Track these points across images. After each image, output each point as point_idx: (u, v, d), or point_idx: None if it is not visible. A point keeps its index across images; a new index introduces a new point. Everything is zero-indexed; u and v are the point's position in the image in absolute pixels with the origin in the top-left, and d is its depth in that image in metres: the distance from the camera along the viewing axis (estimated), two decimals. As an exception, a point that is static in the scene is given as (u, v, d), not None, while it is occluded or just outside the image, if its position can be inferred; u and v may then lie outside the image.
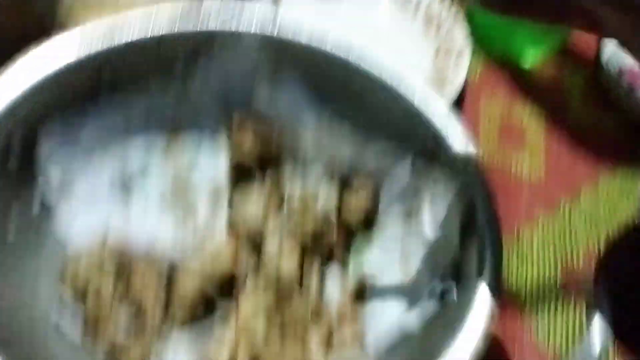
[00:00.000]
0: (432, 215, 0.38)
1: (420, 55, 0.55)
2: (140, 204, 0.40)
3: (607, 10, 0.20)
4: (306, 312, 0.37)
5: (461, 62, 0.53)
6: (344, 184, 0.41)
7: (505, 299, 0.45)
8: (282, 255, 0.38)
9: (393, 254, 0.40)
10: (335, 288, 0.39)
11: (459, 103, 0.53)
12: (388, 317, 0.36)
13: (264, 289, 0.37)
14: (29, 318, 0.33)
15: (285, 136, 0.42)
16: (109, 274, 0.34)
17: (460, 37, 0.54)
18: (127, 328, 0.34)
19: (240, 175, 0.42)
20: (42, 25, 0.42)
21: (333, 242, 0.40)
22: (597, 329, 0.30)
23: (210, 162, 0.42)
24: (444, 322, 0.33)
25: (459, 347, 0.29)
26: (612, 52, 0.54)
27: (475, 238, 0.33)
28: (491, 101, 0.56)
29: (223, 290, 0.35)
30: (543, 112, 0.57)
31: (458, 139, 0.36)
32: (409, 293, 0.37)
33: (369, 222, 0.41)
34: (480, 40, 0.57)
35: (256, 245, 0.38)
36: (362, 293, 0.39)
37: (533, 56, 0.58)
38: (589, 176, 0.52)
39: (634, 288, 0.38)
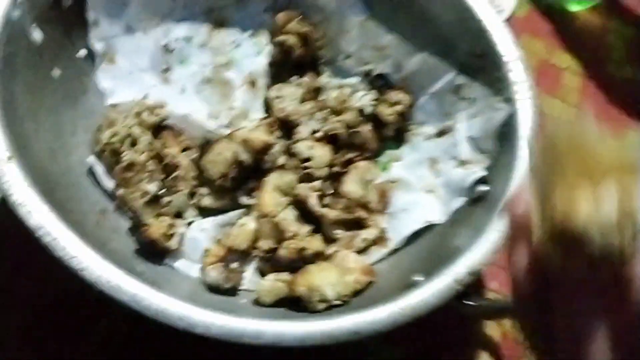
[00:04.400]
0: (466, 134, 0.39)
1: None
2: (178, 84, 0.41)
3: None
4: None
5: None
6: (383, 88, 0.42)
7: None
8: (312, 142, 0.39)
9: (422, 165, 0.40)
10: (364, 182, 0.40)
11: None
12: (415, 211, 0.37)
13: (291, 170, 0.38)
14: (65, 163, 0.35)
15: (327, 36, 0.43)
16: (147, 125, 0.35)
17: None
18: (157, 185, 0.35)
19: (279, 73, 0.43)
20: None
21: (366, 138, 0.40)
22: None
23: (249, 60, 0.43)
24: (470, 222, 0.34)
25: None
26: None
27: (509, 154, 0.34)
28: (534, 39, 0.57)
29: (256, 160, 0.36)
30: (583, 59, 0.57)
31: (509, 50, 0.36)
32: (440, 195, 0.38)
33: (401, 130, 0.42)
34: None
35: (290, 128, 0.39)
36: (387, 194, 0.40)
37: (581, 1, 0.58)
38: (617, 128, 0.52)
39: None
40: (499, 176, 0.35)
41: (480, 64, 0.39)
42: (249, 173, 0.38)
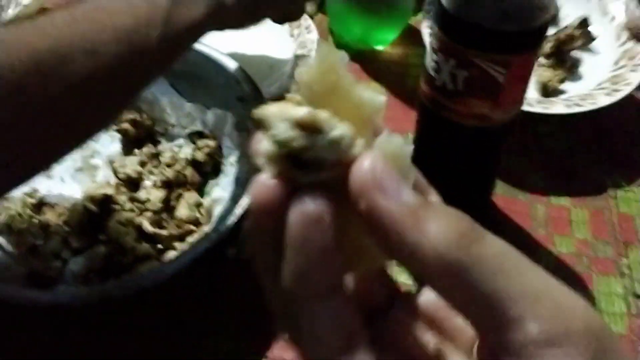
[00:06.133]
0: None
1: (287, 48, 0.75)
2: (58, 177, 0.60)
3: None
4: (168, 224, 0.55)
5: (312, 53, 0.72)
6: (198, 140, 0.60)
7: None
8: (153, 189, 0.56)
9: (231, 185, 0.57)
10: (191, 207, 0.56)
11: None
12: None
13: (135, 211, 0.55)
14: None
15: (154, 116, 0.61)
16: (29, 204, 0.53)
17: (312, 37, 0.73)
18: (40, 237, 0.53)
19: (129, 150, 0.62)
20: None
21: (190, 177, 0.58)
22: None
23: (106, 147, 0.62)
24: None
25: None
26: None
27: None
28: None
29: (103, 208, 0.54)
30: (386, 82, 0.73)
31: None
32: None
33: (216, 168, 0.59)
34: (340, 36, 0.76)
35: (132, 183, 0.57)
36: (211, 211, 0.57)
37: (384, 39, 0.76)
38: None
39: None
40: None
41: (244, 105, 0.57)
42: (102, 217, 0.55)
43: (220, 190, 0.59)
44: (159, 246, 0.55)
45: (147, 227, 0.54)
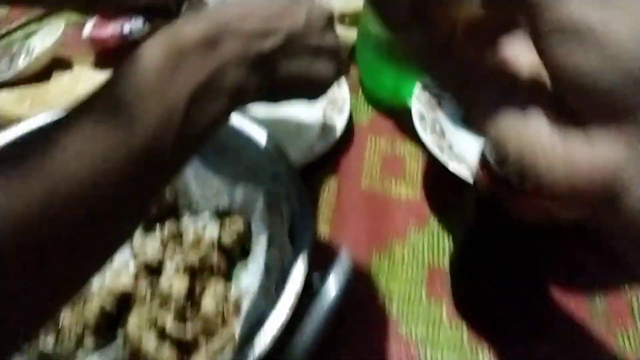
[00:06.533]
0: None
1: (316, 107, 0.70)
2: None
3: None
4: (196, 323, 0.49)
5: (343, 111, 0.67)
6: (223, 221, 0.55)
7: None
8: (172, 275, 0.51)
9: (260, 272, 0.51)
10: (218, 298, 0.51)
11: (347, 141, 0.66)
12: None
13: (156, 303, 0.49)
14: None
15: (178, 189, 0.56)
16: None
17: (342, 93, 0.68)
18: (51, 341, 0.47)
19: (150, 226, 0.56)
20: None
21: (217, 261, 0.52)
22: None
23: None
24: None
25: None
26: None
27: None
28: (377, 139, 0.69)
29: (121, 305, 0.48)
30: (421, 144, 0.68)
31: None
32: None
33: (244, 250, 0.54)
34: (371, 90, 0.71)
35: (153, 270, 0.52)
36: (239, 304, 0.51)
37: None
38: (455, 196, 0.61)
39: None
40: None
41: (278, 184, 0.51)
42: (120, 311, 0.50)
43: (249, 276, 0.53)
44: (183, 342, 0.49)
45: (171, 331, 0.48)
